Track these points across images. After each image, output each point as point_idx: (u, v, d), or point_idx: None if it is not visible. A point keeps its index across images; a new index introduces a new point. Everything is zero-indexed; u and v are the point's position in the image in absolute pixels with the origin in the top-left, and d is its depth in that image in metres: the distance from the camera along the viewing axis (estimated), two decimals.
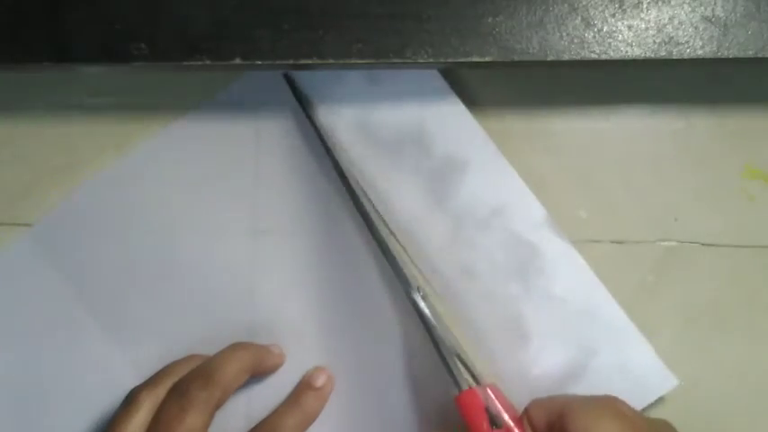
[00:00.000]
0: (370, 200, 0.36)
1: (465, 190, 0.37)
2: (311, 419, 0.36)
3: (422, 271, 0.36)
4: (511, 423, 0.32)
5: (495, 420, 0.32)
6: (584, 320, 0.36)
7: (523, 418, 0.32)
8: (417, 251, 0.37)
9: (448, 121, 0.37)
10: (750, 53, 0.32)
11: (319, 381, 0.36)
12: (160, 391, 0.34)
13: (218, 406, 0.34)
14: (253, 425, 0.36)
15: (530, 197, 0.37)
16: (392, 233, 0.36)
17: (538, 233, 0.36)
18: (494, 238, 0.37)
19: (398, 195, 0.37)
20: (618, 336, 0.35)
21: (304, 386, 0.36)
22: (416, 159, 0.37)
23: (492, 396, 0.32)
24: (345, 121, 0.38)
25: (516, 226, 0.37)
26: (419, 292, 0.34)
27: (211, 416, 0.33)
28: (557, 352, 0.36)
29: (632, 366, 0.35)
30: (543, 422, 0.32)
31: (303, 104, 0.38)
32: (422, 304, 0.34)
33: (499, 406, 0.32)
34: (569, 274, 0.36)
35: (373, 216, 0.36)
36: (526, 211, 0.37)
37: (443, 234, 0.37)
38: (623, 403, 0.31)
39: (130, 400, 0.34)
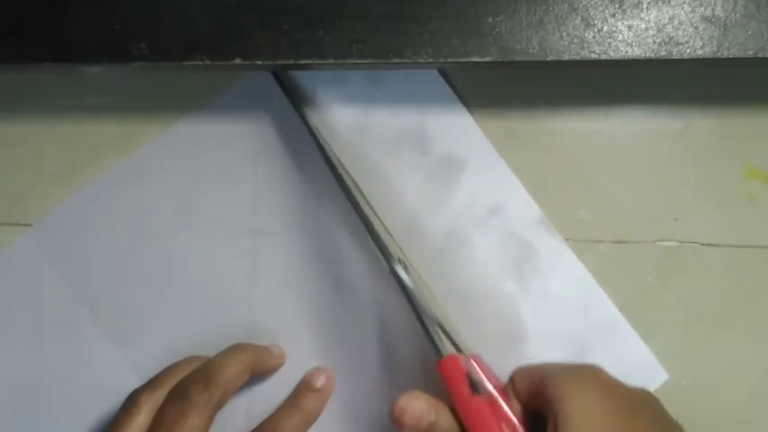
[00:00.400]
0: (367, 200, 0.36)
1: (462, 189, 0.37)
2: (311, 420, 0.36)
3: (418, 269, 0.36)
4: (491, 388, 0.31)
5: (476, 386, 0.31)
6: (578, 317, 0.36)
7: (508, 386, 0.32)
8: (415, 250, 0.37)
9: (446, 122, 0.38)
10: (750, 53, 0.32)
11: (319, 381, 0.36)
12: (160, 393, 0.34)
13: (218, 407, 0.34)
14: (253, 426, 0.36)
15: (525, 197, 0.37)
16: (389, 232, 0.36)
17: (533, 232, 0.37)
18: (491, 237, 0.37)
19: (396, 195, 0.37)
20: (610, 331, 0.36)
21: (304, 387, 0.36)
22: (415, 159, 0.38)
23: (474, 364, 0.32)
24: (345, 121, 0.38)
25: (513, 225, 0.37)
26: (400, 263, 0.34)
27: (212, 417, 0.33)
28: (552, 349, 0.36)
29: (624, 361, 0.36)
30: (525, 388, 0.32)
31: (294, 102, 0.37)
32: (403, 275, 0.33)
33: (481, 373, 0.32)
34: (563, 272, 0.37)
35: (369, 213, 0.35)
36: (522, 211, 0.37)
37: (441, 233, 0.37)
38: (603, 371, 0.31)
39: (131, 402, 0.34)
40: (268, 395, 0.37)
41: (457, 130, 0.37)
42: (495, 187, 0.37)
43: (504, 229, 0.37)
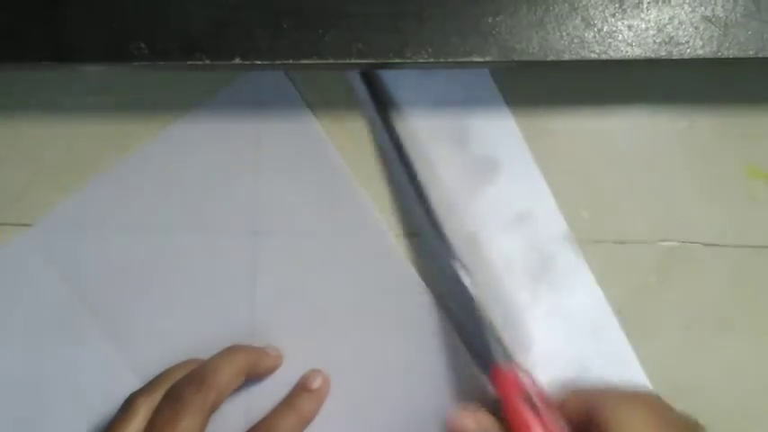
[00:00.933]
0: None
1: (494, 189, 0.37)
2: (307, 422, 0.36)
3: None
4: (544, 407, 0.31)
5: (531, 403, 0.31)
6: (586, 339, 0.36)
7: (559, 406, 0.32)
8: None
9: (490, 122, 0.37)
10: (750, 53, 0.32)
11: (315, 383, 0.36)
12: (157, 397, 0.34)
13: (212, 409, 0.34)
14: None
15: (555, 209, 0.37)
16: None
17: (556, 246, 0.36)
18: (514, 243, 0.37)
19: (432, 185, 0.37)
20: (614, 359, 0.36)
21: (300, 388, 0.37)
22: (452, 154, 0.37)
23: (529, 379, 0.32)
24: (405, 117, 0.38)
25: (538, 235, 0.37)
26: (462, 266, 0.34)
27: (206, 419, 0.33)
28: (552, 365, 0.36)
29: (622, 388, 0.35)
30: (576, 410, 0.32)
31: (380, 105, 0.37)
32: (466, 279, 0.34)
33: (536, 388, 0.32)
34: (578, 292, 0.36)
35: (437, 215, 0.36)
36: (549, 223, 0.37)
37: (466, 229, 0.37)
38: (658, 398, 0.31)
39: (127, 405, 0.34)
40: (267, 397, 0.37)
41: (499, 131, 0.37)
42: (527, 194, 0.37)
43: (528, 237, 0.37)
